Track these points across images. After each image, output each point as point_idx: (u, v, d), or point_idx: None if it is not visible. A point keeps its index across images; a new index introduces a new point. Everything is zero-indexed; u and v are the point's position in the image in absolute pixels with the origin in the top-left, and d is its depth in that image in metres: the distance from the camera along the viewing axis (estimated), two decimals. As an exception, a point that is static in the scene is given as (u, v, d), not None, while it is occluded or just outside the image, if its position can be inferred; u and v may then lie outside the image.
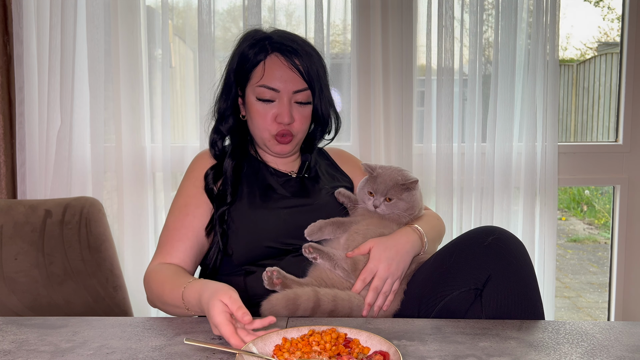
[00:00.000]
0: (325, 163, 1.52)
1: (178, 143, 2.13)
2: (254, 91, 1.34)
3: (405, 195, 1.33)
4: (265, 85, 1.33)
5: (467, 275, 1.17)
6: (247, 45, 1.35)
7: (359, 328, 1.07)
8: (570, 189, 4.40)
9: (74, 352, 0.96)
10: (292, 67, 1.33)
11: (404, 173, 1.36)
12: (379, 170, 1.35)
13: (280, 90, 1.33)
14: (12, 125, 2.00)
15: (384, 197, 1.31)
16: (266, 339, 0.95)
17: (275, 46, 1.34)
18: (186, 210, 1.34)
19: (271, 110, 1.34)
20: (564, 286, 3.62)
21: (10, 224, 1.56)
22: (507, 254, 1.16)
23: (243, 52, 1.35)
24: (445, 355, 0.94)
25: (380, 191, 1.32)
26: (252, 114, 1.37)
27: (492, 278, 1.15)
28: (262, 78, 1.33)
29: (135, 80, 2.03)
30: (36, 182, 2.00)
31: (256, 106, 1.35)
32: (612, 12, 2.72)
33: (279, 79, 1.33)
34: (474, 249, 1.18)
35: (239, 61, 1.36)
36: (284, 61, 1.33)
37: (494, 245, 1.17)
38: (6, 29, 1.98)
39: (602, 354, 0.96)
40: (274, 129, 1.36)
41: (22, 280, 1.54)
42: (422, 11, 2.11)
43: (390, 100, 2.06)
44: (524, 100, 2.08)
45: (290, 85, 1.33)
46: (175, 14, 2.17)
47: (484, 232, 1.21)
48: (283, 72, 1.33)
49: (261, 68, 1.33)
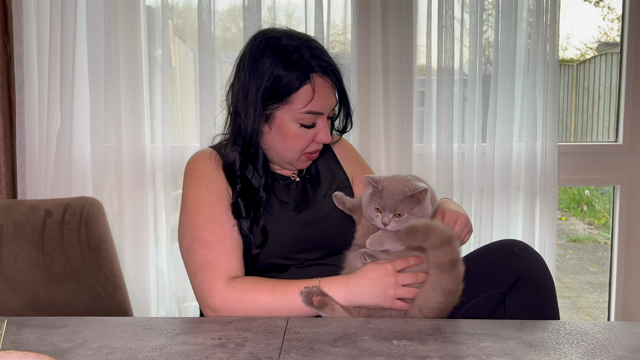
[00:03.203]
0: (325, 156, 1.45)
1: (178, 143, 2.13)
2: (295, 116, 1.23)
3: (417, 210, 1.20)
4: (312, 111, 1.22)
5: (495, 278, 1.22)
6: (280, 63, 1.21)
7: (359, 328, 1.07)
8: (570, 189, 4.40)
9: (74, 352, 0.96)
10: (333, 85, 1.25)
11: (412, 183, 1.22)
12: (384, 183, 1.22)
13: (324, 113, 1.25)
14: (12, 125, 2.00)
15: (392, 213, 1.20)
16: None
17: (314, 68, 1.22)
18: (219, 220, 1.23)
19: (310, 133, 1.26)
20: (564, 286, 3.62)
21: (10, 224, 1.56)
22: (534, 263, 1.22)
23: (277, 72, 1.21)
24: (445, 355, 0.94)
25: (388, 207, 1.20)
26: (288, 138, 1.25)
27: (519, 282, 1.20)
28: (309, 104, 1.22)
29: (135, 80, 2.03)
30: (36, 182, 2.00)
31: (295, 131, 1.24)
32: (612, 12, 2.72)
33: (324, 101, 1.24)
34: (502, 255, 1.24)
35: (273, 81, 1.21)
36: (328, 83, 1.24)
37: (522, 254, 1.23)
38: (6, 29, 1.98)
39: (602, 354, 0.96)
40: (311, 149, 1.29)
41: (22, 280, 1.54)
42: (422, 11, 2.11)
43: (390, 100, 2.06)
44: (524, 100, 2.08)
45: (331, 104, 1.27)
46: (175, 14, 2.17)
47: (511, 243, 1.27)
48: (329, 93, 1.25)
49: (307, 92, 1.21)
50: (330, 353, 0.95)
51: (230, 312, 1.15)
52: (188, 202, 1.26)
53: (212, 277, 1.17)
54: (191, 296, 2.14)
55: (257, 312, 1.15)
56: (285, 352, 0.96)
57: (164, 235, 2.10)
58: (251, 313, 1.15)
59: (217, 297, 1.15)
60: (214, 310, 1.16)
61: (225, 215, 1.24)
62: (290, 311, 1.15)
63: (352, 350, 0.96)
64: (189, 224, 1.24)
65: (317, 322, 1.11)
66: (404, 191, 1.20)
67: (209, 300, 1.16)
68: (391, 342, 1.00)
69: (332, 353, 0.95)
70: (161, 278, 2.12)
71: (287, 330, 1.05)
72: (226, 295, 1.15)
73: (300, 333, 1.04)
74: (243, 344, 0.99)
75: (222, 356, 0.94)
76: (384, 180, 1.23)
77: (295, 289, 1.15)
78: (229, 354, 0.95)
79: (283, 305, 1.14)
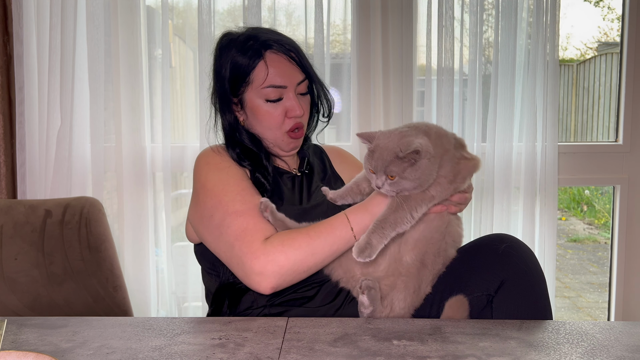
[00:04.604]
0: (318, 163, 1.49)
1: (178, 143, 2.13)
2: (259, 94, 1.30)
3: (410, 172, 1.08)
4: (272, 84, 1.29)
5: (480, 281, 1.19)
6: (236, 52, 1.30)
7: (359, 328, 1.07)
8: (570, 189, 4.40)
9: (74, 352, 0.96)
10: (290, 59, 1.31)
11: (406, 140, 1.09)
12: (378, 141, 1.12)
13: (287, 86, 1.30)
14: (12, 125, 2.00)
15: (385, 175, 1.10)
16: None
17: (266, 44, 1.30)
18: (249, 192, 1.26)
19: (279, 109, 1.31)
20: (564, 286, 3.62)
21: (10, 224, 1.56)
22: (520, 261, 1.18)
23: (234, 59, 1.31)
24: (445, 355, 0.94)
25: (379, 168, 1.10)
26: (260, 117, 1.33)
27: (504, 284, 1.17)
28: (266, 78, 1.29)
29: (135, 80, 2.03)
30: (36, 182, 2.00)
31: (264, 108, 1.31)
32: (612, 12, 2.72)
33: (283, 75, 1.30)
34: (487, 256, 1.21)
35: (232, 69, 1.31)
36: (282, 56, 1.30)
37: (507, 252, 1.19)
38: (6, 29, 1.98)
39: (602, 354, 0.96)
40: (287, 126, 1.33)
41: (22, 280, 1.54)
42: (422, 11, 2.11)
43: (390, 100, 2.06)
44: (524, 100, 2.08)
45: (294, 79, 1.31)
46: (175, 14, 2.17)
47: (496, 240, 1.23)
48: (285, 67, 1.30)
49: (262, 69, 1.29)
50: (330, 353, 0.95)
51: (277, 266, 1.14)
52: (211, 185, 1.27)
53: (252, 240, 1.17)
54: (191, 296, 2.14)
55: (301, 258, 1.15)
56: (285, 352, 0.96)
57: (164, 235, 2.10)
58: (296, 263, 1.15)
59: (260, 256, 1.14)
60: (260, 273, 1.14)
61: (252, 189, 1.28)
62: (330, 246, 1.16)
63: (352, 350, 0.96)
64: (217, 204, 1.24)
65: (317, 322, 1.11)
66: (394, 151, 1.09)
67: (253, 263, 1.15)
68: (391, 342, 1.00)
69: (332, 353, 0.95)
70: (161, 278, 2.12)
71: (287, 330, 1.05)
72: (268, 251, 1.14)
73: (300, 333, 1.04)
74: (243, 344, 0.99)
75: (222, 356, 0.94)
76: (379, 136, 1.13)
77: (328, 227, 1.16)
78: (229, 354, 0.95)
79: (322, 242, 1.16)
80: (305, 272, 1.17)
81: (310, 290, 1.27)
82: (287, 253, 1.14)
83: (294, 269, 1.15)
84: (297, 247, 1.15)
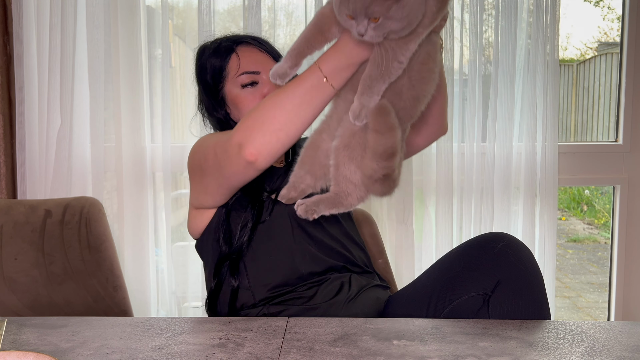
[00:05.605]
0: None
1: (178, 143, 2.13)
2: (235, 82, 1.36)
3: (395, 10, 0.92)
4: (245, 71, 1.35)
5: (476, 281, 1.18)
6: (210, 55, 1.39)
7: (359, 328, 1.07)
8: (570, 189, 4.40)
9: (74, 352, 0.96)
10: (261, 49, 1.38)
11: None
12: None
13: (260, 71, 1.35)
14: (12, 125, 2.00)
15: (367, 18, 0.94)
16: None
17: (237, 41, 1.39)
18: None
19: (256, 93, 1.36)
20: (564, 286, 3.63)
21: (10, 224, 1.56)
22: (517, 261, 1.17)
23: (209, 61, 1.39)
24: (445, 355, 0.94)
25: (358, 10, 0.93)
26: (240, 105, 1.37)
27: (501, 284, 1.16)
28: (239, 66, 1.36)
29: (135, 80, 2.03)
30: (36, 182, 2.00)
31: (243, 94, 1.36)
32: (612, 12, 2.72)
33: (256, 62, 1.36)
34: (484, 255, 1.19)
35: (210, 68, 1.39)
36: (253, 47, 1.38)
37: (504, 252, 1.18)
38: (6, 29, 1.98)
39: (602, 354, 0.96)
40: None
41: (22, 280, 1.54)
42: (422, 11, 2.10)
43: (390, 100, 2.06)
44: (524, 100, 2.08)
45: (266, 65, 1.34)
46: (175, 14, 2.17)
47: (493, 239, 1.22)
48: (257, 55, 1.37)
49: (235, 59, 1.36)
50: (330, 353, 0.95)
51: (250, 130, 1.11)
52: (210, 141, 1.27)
53: (228, 135, 1.17)
54: (191, 296, 2.14)
55: (271, 115, 1.10)
56: (285, 352, 0.96)
57: (164, 235, 2.10)
58: (267, 120, 1.10)
59: (235, 134, 1.13)
60: (239, 143, 1.11)
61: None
62: (302, 96, 1.09)
63: (352, 350, 0.96)
64: (211, 144, 1.25)
65: (317, 322, 1.11)
66: None
67: (231, 141, 1.13)
68: (391, 342, 1.00)
69: (332, 353, 0.95)
70: (161, 278, 2.12)
71: (287, 330, 1.05)
72: (239, 127, 1.13)
73: (300, 333, 1.04)
74: (243, 344, 0.99)
75: (222, 356, 0.94)
76: None
77: (296, 79, 1.10)
78: (229, 354, 0.95)
79: (290, 94, 1.09)
80: (284, 131, 1.10)
81: (310, 290, 1.27)
82: (255, 117, 1.12)
83: (271, 128, 1.10)
84: (264, 108, 1.11)
